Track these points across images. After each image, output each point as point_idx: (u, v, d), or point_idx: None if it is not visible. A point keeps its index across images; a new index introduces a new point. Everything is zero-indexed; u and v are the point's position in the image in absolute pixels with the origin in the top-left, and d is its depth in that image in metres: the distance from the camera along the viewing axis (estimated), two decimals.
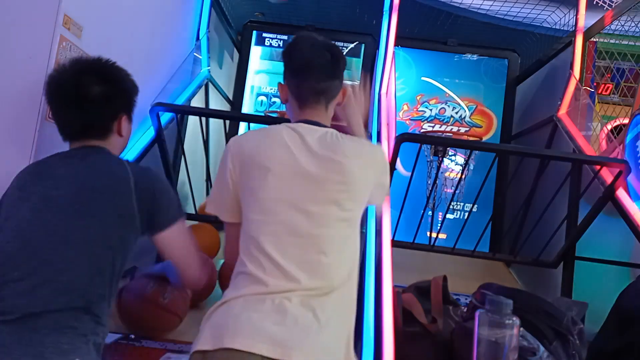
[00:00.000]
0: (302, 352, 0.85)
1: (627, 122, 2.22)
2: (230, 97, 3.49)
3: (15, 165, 1.30)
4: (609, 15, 2.53)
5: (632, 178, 1.99)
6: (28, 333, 0.93)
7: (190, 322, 1.65)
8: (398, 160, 2.04)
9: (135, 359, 1.36)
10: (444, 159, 3.03)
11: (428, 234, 2.50)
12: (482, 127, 3.53)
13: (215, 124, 2.78)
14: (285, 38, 3.59)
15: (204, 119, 2.23)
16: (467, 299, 1.81)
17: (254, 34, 3.62)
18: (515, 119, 3.48)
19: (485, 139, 3.46)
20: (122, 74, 1.22)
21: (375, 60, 2.80)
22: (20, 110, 1.34)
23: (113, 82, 1.18)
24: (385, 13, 2.85)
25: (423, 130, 3.52)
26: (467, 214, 2.20)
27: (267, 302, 0.91)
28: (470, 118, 3.55)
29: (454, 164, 3.45)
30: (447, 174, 3.38)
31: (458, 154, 3.44)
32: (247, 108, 3.55)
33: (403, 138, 1.96)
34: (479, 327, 1.12)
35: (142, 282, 1.44)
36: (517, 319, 1.10)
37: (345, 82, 1.18)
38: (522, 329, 1.24)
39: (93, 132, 1.17)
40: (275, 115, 2.74)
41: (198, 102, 2.65)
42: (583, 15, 2.76)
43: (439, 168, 2.26)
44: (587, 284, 2.10)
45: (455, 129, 3.53)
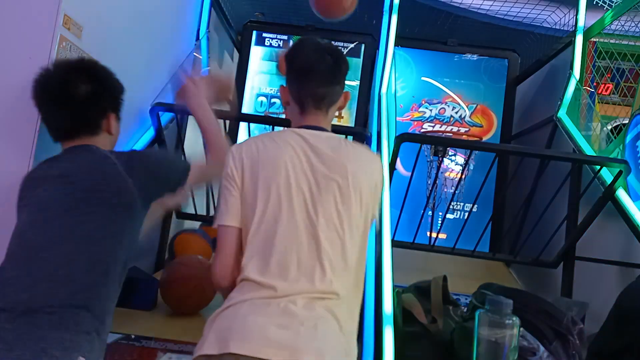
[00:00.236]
0: (310, 354, 0.85)
1: (626, 122, 2.22)
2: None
3: (15, 165, 1.31)
4: (609, 15, 2.53)
5: (631, 178, 1.99)
6: (30, 329, 0.93)
7: (190, 322, 1.65)
8: (398, 161, 2.04)
9: (135, 359, 1.36)
10: (444, 159, 3.02)
11: (428, 234, 2.50)
12: (482, 127, 3.53)
13: None
14: (285, 38, 3.59)
15: None
16: (467, 299, 1.81)
17: (254, 34, 3.61)
18: (515, 119, 3.48)
19: (485, 139, 3.46)
20: (106, 73, 1.23)
21: (375, 60, 2.80)
22: (21, 111, 1.34)
23: (99, 80, 1.20)
24: (385, 13, 2.85)
25: (423, 130, 3.51)
26: (467, 214, 2.21)
27: (272, 305, 0.90)
28: (470, 118, 3.55)
29: (454, 164, 3.45)
30: (447, 174, 3.38)
31: (458, 154, 3.44)
32: (247, 108, 3.54)
33: (403, 138, 1.96)
34: (479, 327, 1.12)
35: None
36: (517, 319, 1.10)
37: (347, 83, 1.18)
38: (522, 329, 1.24)
39: (82, 131, 1.18)
40: (275, 116, 2.74)
41: None
42: (583, 15, 2.76)
43: (439, 168, 2.26)
44: (587, 284, 2.10)
45: (455, 129, 3.53)
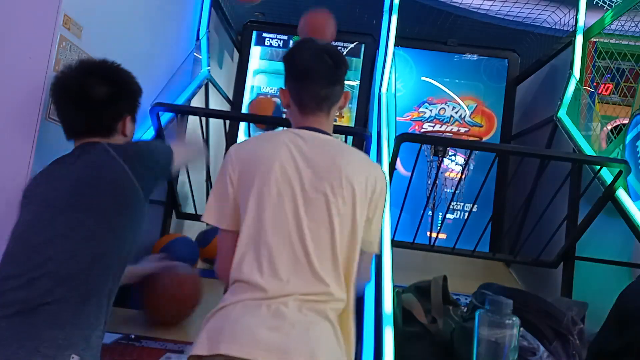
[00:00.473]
0: (301, 356, 0.85)
1: (626, 122, 2.22)
2: (230, 97, 3.49)
3: (15, 165, 1.31)
4: (609, 15, 2.53)
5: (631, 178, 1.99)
6: (26, 327, 0.93)
7: (190, 322, 1.65)
8: (398, 161, 2.04)
9: (135, 359, 1.36)
10: (444, 159, 3.02)
11: (428, 234, 2.50)
12: (482, 127, 3.53)
13: (215, 124, 2.78)
14: (285, 38, 3.59)
15: (204, 119, 2.22)
16: (467, 299, 1.81)
17: (254, 34, 3.62)
18: (515, 119, 3.48)
19: (485, 139, 3.46)
20: (127, 76, 1.26)
21: (375, 60, 2.80)
22: (21, 111, 1.34)
23: (118, 83, 1.22)
24: (385, 13, 2.85)
25: (423, 130, 3.52)
26: (467, 214, 2.20)
27: (263, 307, 0.90)
28: (470, 118, 3.55)
29: (454, 164, 3.45)
30: (447, 174, 3.38)
31: (458, 154, 3.44)
32: (247, 108, 3.54)
33: (403, 138, 1.96)
34: (479, 327, 1.12)
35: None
36: (517, 319, 1.10)
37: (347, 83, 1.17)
38: (522, 329, 1.24)
39: (97, 131, 1.20)
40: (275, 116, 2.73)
41: (198, 102, 2.64)
42: (583, 15, 2.76)
43: (439, 168, 2.26)
44: (587, 284, 2.10)
45: (455, 129, 3.53)
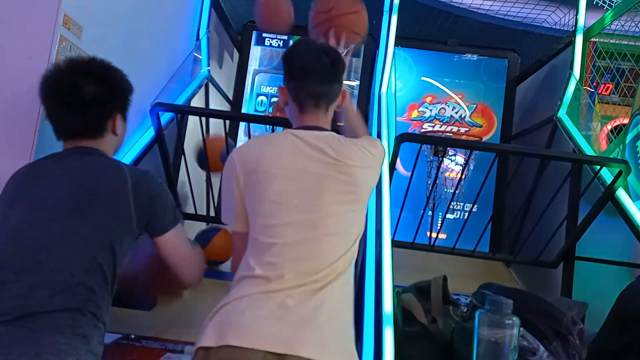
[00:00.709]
0: (307, 345, 0.87)
1: (626, 122, 2.22)
2: (230, 97, 3.49)
3: (16, 165, 1.30)
4: (609, 15, 2.53)
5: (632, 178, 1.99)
6: (26, 333, 0.93)
7: (190, 322, 1.65)
8: (398, 161, 2.04)
9: (135, 359, 1.36)
10: (444, 159, 3.02)
11: (428, 234, 2.50)
12: (482, 127, 3.53)
13: (216, 124, 2.78)
14: (285, 38, 3.59)
15: (204, 119, 2.22)
16: (467, 299, 1.81)
17: (254, 34, 3.62)
18: (515, 119, 3.48)
19: (485, 139, 3.46)
20: (117, 74, 1.22)
21: (375, 60, 2.80)
22: (20, 111, 1.34)
23: (108, 82, 1.19)
24: (385, 13, 2.85)
25: (423, 130, 3.52)
26: (467, 214, 2.20)
27: (270, 300, 0.93)
28: (470, 118, 3.55)
29: (454, 164, 3.45)
30: (447, 174, 3.38)
31: (458, 154, 3.44)
32: (246, 108, 3.54)
33: (403, 138, 1.96)
34: (479, 327, 1.12)
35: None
36: (517, 319, 1.10)
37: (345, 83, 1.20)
38: (522, 329, 1.24)
39: (88, 131, 1.17)
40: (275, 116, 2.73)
41: (198, 102, 2.64)
42: (583, 15, 2.76)
43: (439, 168, 2.26)
44: (587, 284, 2.10)
45: (455, 129, 3.53)
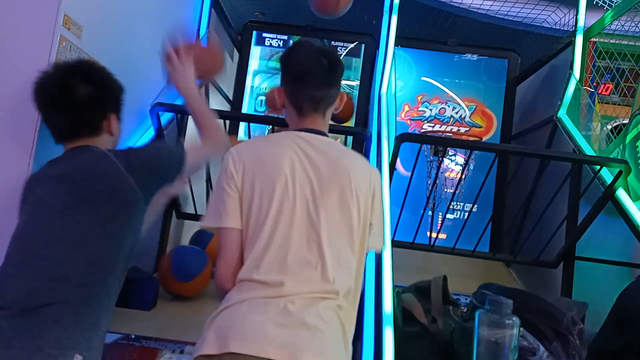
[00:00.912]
0: (310, 352, 0.85)
1: (626, 122, 2.22)
2: (230, 97, 3.49)
3: (15, 165, 1.31)
4: (609, 15, 2.53)
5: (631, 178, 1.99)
6: (28, 327, 0.94)
7: (189, 322, 1.65)
8: (398, 161, 2.04)
9: (135, 359, 1.36)
10: (444, 159, 3.02)
11: (428, 234, 2.50)
12: (482, 127, 3.53)
13: None
14: (285, 38, 3.59)
15: None
16: (467, 299, 1.81)
17: (254, 34, 3.62)
18: (515, 119, 3.48)
19: (485, 139, 3.46)
20: (105, 74, 1.24)
21: (375, 60, 2.80)
22: (21, 111, 1.34)
23: (97, 82, 1.21)
24: (385, 13, 2.85)
25: (423, 130, 3.51)
26: (467, 214, 2.20)
27: (272, 305, 0.91)
28: (470, 118, 3.55)
29: (454, 164, 3.45)
30: (447, 174, 3.38)
31: (458, 154, 3.44)
32: (246, 108, 3.54)
33: (403, 138, 1.96)
34: (479, 327, 1.12)
35: None
36: (517, 319, 1.10)
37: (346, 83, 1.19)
38: (522, 329, 1.24)
39: (84, 132, 1.19)
40: (275, 116, 2.73)
41: None
42: (583, 15, 2.76)
43: (439, 168, 2.26)
44: (587, 284, 2.10)
45: (455, 129, 3.53)
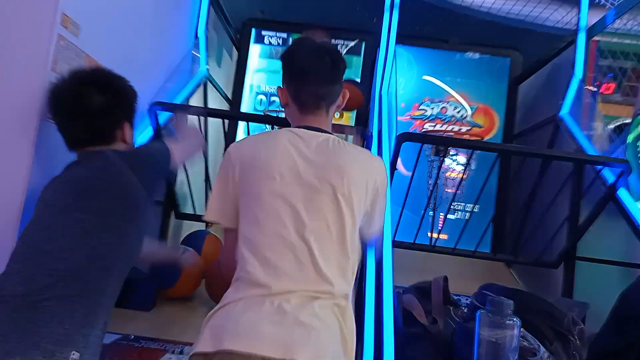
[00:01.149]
0: (305, 350, 0.85)
1: (629, 121, 2.21)
2: (229, 95, 3.48)
3: (15, 166, 1.30)
4: (612, 14, 2.51)
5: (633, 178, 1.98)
6: (25, 323, 0.94)
7: (189, 322, 1.65)
8: (399, 160, 2.03)
9: (135, 359, 1.36)
10: (445, 159, 3.01)
11: (429, 234, 2.49)
12: (483, 126, 3.52)
13: (214, 123, 2.77)
14: (285, 36, 3.58)
15: (203, 118, 2.21)
16: (467, 300, 1.80)
17: (253, 32, 3.60)
18: (517, 118, 3.46)
19: (487, 139, 3.44)
20: (121, 83, 1.26)
21: (376, 59, 2.79)
22: (20, 110, 1.33)
23: (113, 91, 1.23)
24: (386, 11, 2.84)
25: (424, 130, 3.50)
26: (468, 214, 2.19)
27: (266, 303, 0.91)
28: (472, 117, 3.54)
29: (456, 164, 3.44)
30: (448, 174, 3.37)
31: (459, 154, 3.43)
32: (246, 107, 3.53)
33: (404, 138, 1.95)
34: (480, 327, 1.11)
35: None
36: (517, 320, 1.09)
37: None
38: (522, 330, 1.23)
39: (98, 141, 1.22)
40: (275, 115, 2.73)
41: (197, 101, 2.63)
42: (585, 14, 2.75)
43: (440, 168, 2.25)
44: (588, 285, 2.09)
45: (457, 129, 3.51)
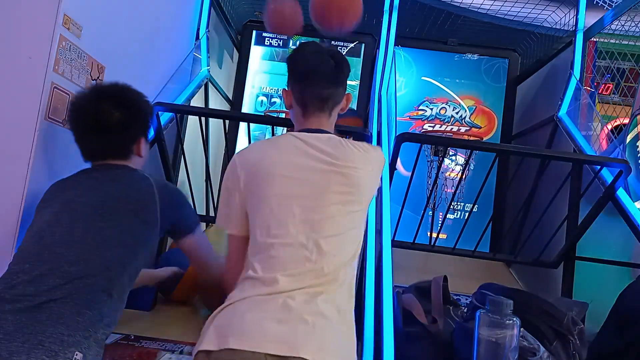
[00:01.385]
0: (310, 347, 0.86)
1: (627, 122, 2.22)
2: (230, 97, 3.49)
3: (15, 165, 1.30)
4: (609, 15, 2.52)
5: (632, 178, 1.99)
6: (30, 323, 0.95)
7: (189, 322, 1.65)
8: (398, 161, 2.04)
9: (135, 359, 1.36)
10: (445, 159, 3.02)
11: (428, 234, 2.50)
12: (482, 127, 3.53)
13: (215, 124, 2.78)
14: (285, 38, 3.58)
15: (204, 119, 2.22)
16: (467, 299, 1.81)
17: (254, 34, 3.61)
18: (516, 119, 3.47)
19: (486, 139, 3.45)
20: (138, 98, 1.30)
21: (376, 60, 2.80)
22: (20, 110, 1.34)
23: (131, 107, 1.26)
24: (386, 12, 2.85)
25: (423, 130, 3.51)
26: (467, 214, 2.20)
27: (271, 302, 0.92)
28: (471, 118, 3.55)
29: (455, 164, 3.45)
30: (447, 174, 3.38)
31: (458, 154, 3.44)
32: (246, 108, 3.54)
33: (403, 138, 1.95)
34: (480, 327, 1.12)
35: None
36: (517, 319, 1.10)
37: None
38: (522, 329, 1.24)
39: (114, 154, 1.25)
40: (275, 115, 2.73)
41: (198, 101, 2.64)
42: (583, 15, 2.76)
43: (439, 168, 2.26)
44: (587, 284, 2.10)
45: (456, 129, 3.52)
